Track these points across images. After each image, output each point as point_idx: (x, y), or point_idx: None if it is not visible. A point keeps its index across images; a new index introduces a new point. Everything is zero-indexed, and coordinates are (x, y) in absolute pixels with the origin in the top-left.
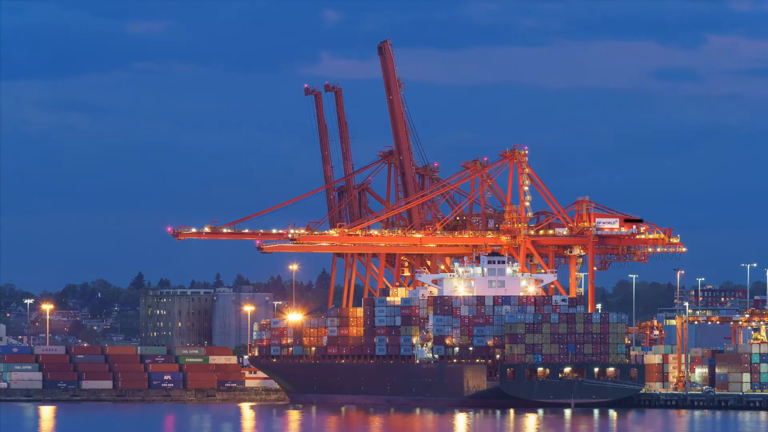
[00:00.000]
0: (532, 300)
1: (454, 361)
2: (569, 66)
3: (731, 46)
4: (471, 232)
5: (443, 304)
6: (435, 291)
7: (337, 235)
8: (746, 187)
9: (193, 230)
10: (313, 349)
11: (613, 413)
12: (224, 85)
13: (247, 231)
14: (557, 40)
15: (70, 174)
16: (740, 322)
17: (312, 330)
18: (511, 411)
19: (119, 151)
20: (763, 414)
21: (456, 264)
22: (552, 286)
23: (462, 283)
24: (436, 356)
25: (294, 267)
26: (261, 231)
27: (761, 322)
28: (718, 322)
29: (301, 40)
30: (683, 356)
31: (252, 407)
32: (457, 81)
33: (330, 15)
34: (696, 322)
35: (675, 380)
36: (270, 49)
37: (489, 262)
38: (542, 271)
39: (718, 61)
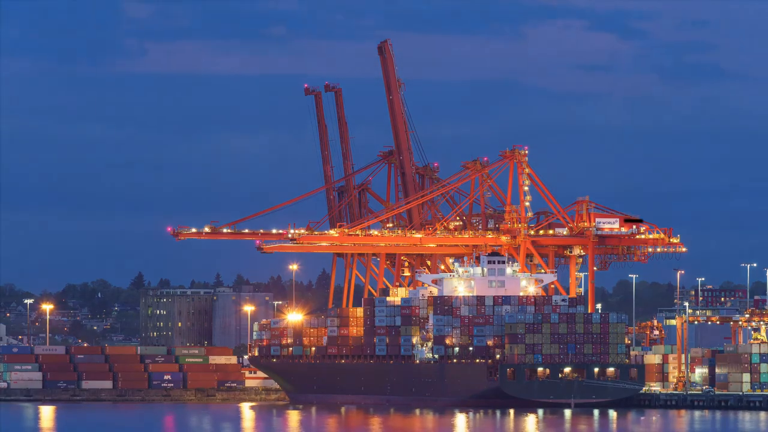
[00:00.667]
0: (532, 300)
1: (454, 361)
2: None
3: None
4: (471, 232)
5: (443, 304)
6: (435, 291)
7: (337, 235)
8: (746, 186)
9: (193, 230)
10: (313, 349)
11: (613, 413)
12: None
13: (247, 231)
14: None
15: (70, 174)
16: (740, 322)
17: (312, 330)
18: (511, 411)
19: (119, 150)
20: (762, 414)
21: (456, 264)
22: (552, 286)
23: (462, 283)
24: (436, 356)
25: (294, 267)
26: (261, 231)
27: (761, 322)
28: (718, 322)
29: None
30: (683, 356)
31: (252, 407)
32: (263, 71)
33: (133, 7)
34: (696, 322)
35: (675, 380)
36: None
37: (489, 262)
38: (542, 271)
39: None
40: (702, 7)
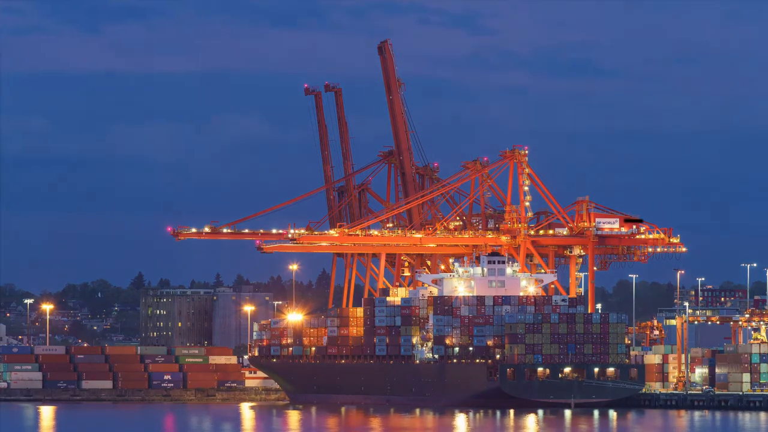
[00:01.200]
0: (532, 300)
1: (454, 361)
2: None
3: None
4: (471, 232)
5: (443, 304)
6: (435, 291)
7: (337, 235)
8: (746, 186)
9: (193, 230)
10: (313, 349)
11: (613, 413)
12: None
13: (247, 231)
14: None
15: (70, 174)
16: (740, 322)
17: (312, 330)
18: (511, 411)
19: (118, 149)
20: (762, 414)
21: (456, 264)
22: (552, 286)
23: (462, 283)
24: (436, 356)
25: (294, 267)
26: (261, 231)
27: (761, 322)
28: (718, 322)
29: None
30: (683, 356)
31: (252, 407)
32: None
33: None
34: (696, 322)
35: (675, 380)
36: None
37: (489, 262)
38: (542, 271)
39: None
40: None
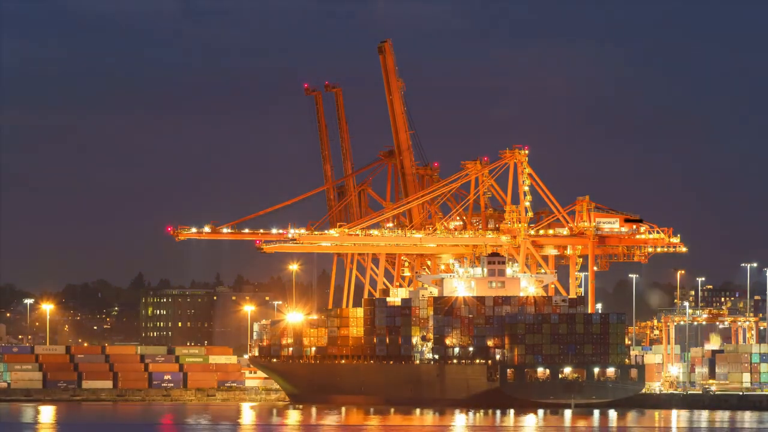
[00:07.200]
0: (532, 300)
1: (454, 361)
2: None
3: None
4: (471, 232)
5: (443, 305)
6: (435, 291)
7: (337, 235)
8: (745, 185)
9: (193, 230)
10: (313, 349)
11: (613, 413)
12: None
13: (247, 231)
14: None
15: (70, 173)
16: (739, 322)
17: (312, 330)
18: (511, 411)
19: (118, 151)
20: (765, 414)
21: (456, 264)
22: (552, 286)
23: (462, 284)
24: (436, 356)
25: (294, 267)
26: (261, 231)
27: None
28: (717, 322)
29: None
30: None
31: (252, 407)
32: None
33: None
34: (696, 322)
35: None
36: None
37: (489, 263)
38: (542, 271)
39: None
40: None
